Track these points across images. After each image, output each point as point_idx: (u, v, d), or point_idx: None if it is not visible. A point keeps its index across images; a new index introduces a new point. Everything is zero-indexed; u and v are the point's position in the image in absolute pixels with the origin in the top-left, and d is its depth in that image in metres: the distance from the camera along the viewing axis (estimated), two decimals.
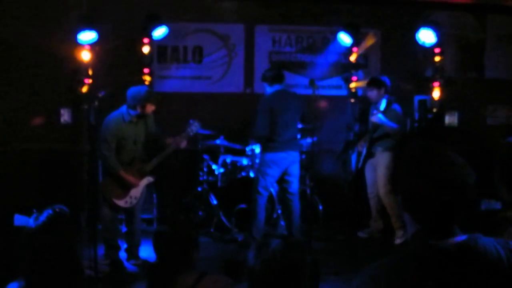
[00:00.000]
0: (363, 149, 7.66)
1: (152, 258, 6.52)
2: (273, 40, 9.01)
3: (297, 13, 8.98)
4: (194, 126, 6.51)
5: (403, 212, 1.97)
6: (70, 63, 7.95)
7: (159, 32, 8.12)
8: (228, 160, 7.85)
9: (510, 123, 9.35)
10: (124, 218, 6.66)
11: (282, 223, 7.65)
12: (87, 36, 7.60)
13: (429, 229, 1.87)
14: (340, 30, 8.48)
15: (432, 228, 1.86)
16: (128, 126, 6.22)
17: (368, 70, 9.05)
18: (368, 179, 7.75)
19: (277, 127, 6.90)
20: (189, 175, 8.28)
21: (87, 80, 7.88)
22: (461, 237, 1.85)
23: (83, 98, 7.91)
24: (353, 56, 8.79)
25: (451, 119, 8.96)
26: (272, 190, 7.55)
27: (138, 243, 6.55)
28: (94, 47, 7.83)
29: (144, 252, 6.61)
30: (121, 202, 6.24)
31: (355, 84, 8.80)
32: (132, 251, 6.50)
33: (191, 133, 6.53)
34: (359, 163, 7.76)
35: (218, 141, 7.91)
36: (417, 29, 8.21)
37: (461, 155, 1.93)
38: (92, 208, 6.38)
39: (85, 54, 7.79)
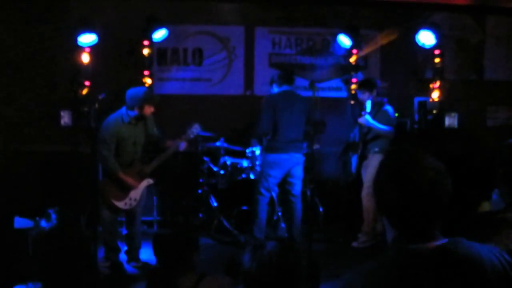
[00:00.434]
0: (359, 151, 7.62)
1: (153, 261, 6.53)
2: (273, 42, 9.02)
3: (297, 15, 8.99)
4: (195, 129, 6.52)
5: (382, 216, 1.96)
6: (70, 66, 7.96)
7: (159, 34, 8.13)
8: (228, 162, 7.85)
9: (510, 124, 9.36)
10: (124, 220, 6.65)
11: (283, 225, 7.64)
12: (87, 39, 7.61)
13: (407, 234, 1.86)
14: (340, 32, 8.49)
15: (410, 233, 1.86)
16: (127, 127, 6.22)
17: (368, 72, 9.05)
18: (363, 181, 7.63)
19: (280, 127, 6.91)
20: (190, 177, 8.28)
21: (87, 83, 7.89)
22: (441, 241, 1.84)
23: (83, 100, 7.91)
24: (353, 58, 8.80)
25: (451, 120, 8.97)
26: (272, 192, 7.55)
27: (138, 245, 6.55)
28: (94, 49, 7.84)
29: (145, 255, 6.61)
30: (120, 204, 6.24)
31: (355, 86, 8.80)
32: (132, 253, 6.50)
33: (192, 136, 6.53)
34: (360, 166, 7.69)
35: (218, 143, 7.91)
36: (416, 31, 8.22)
37: (460, 157, 1.94)
38: (92, 211, 6.37)
39: (85, 57, 7.80)
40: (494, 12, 9.27)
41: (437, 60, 8.58)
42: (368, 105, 7.27)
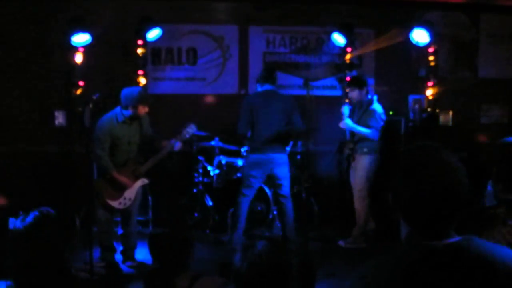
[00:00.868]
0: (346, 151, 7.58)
1: (148, 260, 6.53)
2: (267, 41, 9.02)
3: (291, 14, 8.99)
4: (190, 129, 6.50)
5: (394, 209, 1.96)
6: (64, 65, 7.94)
7: (153, 33, 8.12)
8: (223, 161, 7.85)
9: (504, 122, 9.38)
10: (120, 220, 6.64)
11: (278, 224, 7.66)
12: (80, 38, 7.60)
13: (422, 230, 1.86)
14: (334, 31, 8.49)
15: (424, 230, 1.86)
16: (121, 127, 6.21)
17: (362, 70, 9.06)
18: (352, 183, 7.52)
19: (257, 127, 6.85)
20: (185, 176, 8.28)
21: (81, 83, 7.88)
22: (455, 239, 1.85)
23: (77, 100, 7.90)
24: (347, 56, 8.80)
25: (445, 118, 8.99)
26: (267, 191, 7.56)
27: (134, 245, 6.54)
28: (88, 49, 7.82)
29: (140, 254, 6.61)
30: (115, 203, 6.23)
31: None
32: (128, 253, 6.49)
33: (187, 136, 6.52)
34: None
35: (213, 142, 7.91)
36: (410, 29, 8.23)
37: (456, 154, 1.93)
38: (87, 211, 6.36)
39: (79, 56, 7.79)
40: (488, 10, 9.29)
41: (431, 58, 8.60)
42: (346, 110, 7.23)
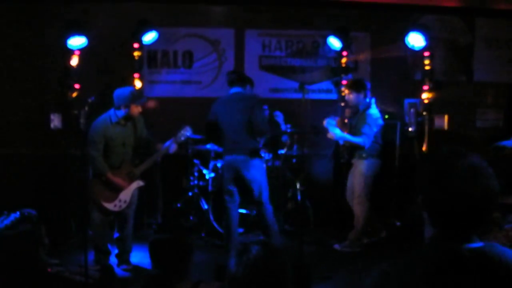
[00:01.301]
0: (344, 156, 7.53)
1: (144, 264, 6.53)
2: (263, 44, 9.03)
3: (287, 18, 9.01)
4: (185, 131, 6.50)
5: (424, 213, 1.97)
6: (60, 68, 7.93)
7: (149, 37, 8.12)
8: (218, 165, 7.84)
9: (499, 126, 9.41)
10: (115, 224, 6.63)
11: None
12: (76, 41, 7.59)
13: (447, 233, 1.88)
14: (329, 34, 8.50)
15: (450, 233, 1.88)
16: (115, 128, 6.20)
17: (358, 74, 9.08)
18: (348, 189, 7.45)
19: (224, 130, 6.84)
20: (180, 180, 8.27)
21: (77, 85, 7.86)
22: (477, 244, 1.86)
23: (73, 103, 7.89)
24: (343, 60, 8.81)
25: (440, 122, 9.00)
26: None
27: (129, 248, 6.53)
28: (83, 52, 7.82)
29: (135, 258, 6.60)
30: (110, 205, 6.21)
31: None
32: (123, 256, 6.47)
33: (182, 138, 6.51)
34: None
35: (208, 146, 7.90)
36: (406, 33, 8.24)
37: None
38: (83, 213, 6.35)
39: (74, 59, 7.78)
40: (484, 14, 9.32)
41: (426, 62, 8.61)
42: (331, 122, 7.14)
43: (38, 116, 8.36)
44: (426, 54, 8.55)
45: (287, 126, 8.03)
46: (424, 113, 8.58)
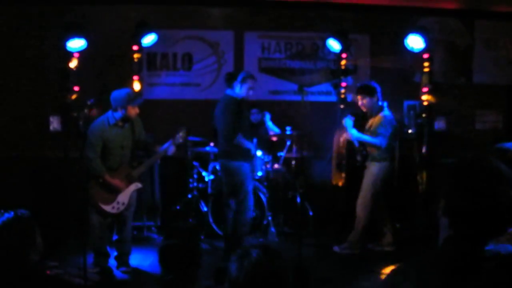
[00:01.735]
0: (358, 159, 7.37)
1: (143, 266, 6.53)
2: (262, 46, 9.03)
3: (286, 20, 9.02)
4: (183, 132, 6.48)
5: (442, 217, 1.98)
6: (59, 71, 7.93)
7: (149, 39, 8.11)
8: (218, 167, 7.84)
9: (499, 128, 9.41)
10: (114, 226, 6.62)
11: (273, 229, 7.65)
12: (76, 44, 7.58)
13: (466, 235, 1.89)
14: (329, 36, 8.49)
15: (468, 235, 1.89)
16: (113, 129, 6.20)
17: (358, 76, 9.08)
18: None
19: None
20: (179, 182, 8.26)
21: (76, 88, 7.86)
22: (491, 246, 1.88)
23: (72, 105, 7.88)
24: (343, 62, 8.80)
25: (440, 124, 9.01)
26: (262, 197, 7.55)
27: (128, 251, 6.52)
28: (83, 54, 7.82)
29: (134, 260, 6.59)
30: (108, 207, 6.20)
31: (344, 90, 8.81)
32: (122, 259, 6.47)
33: (180, 140, 6.46)
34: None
35: (208, 148, 7.90)
36: (405, 35, 8.24)
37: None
38: (82, 216, 6.34)
39: (74, 62, 7.77)
40: (483, 16, 9.32)
41: (426, 64, 8.61)
42: (348, 121, 7.07)
43: (37, 118, 8.37)
44: (426, 56, 8.54)
45: (275, 128, 8.00)
46: (424, 115, 8.57)
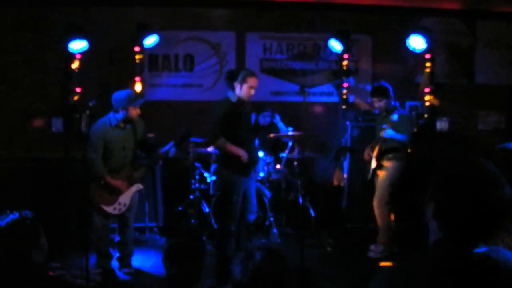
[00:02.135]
0: (370, 158, 7.18)
1: (145, 267, 6.53)
2: (264, 47, 9.04)
3: (288, 21, 9.02)
4: (184, 133, 6.46)
5: (430, 220, 1.96)
6: (61, 72, 7.94)
7: (150, 40, 8.13)
8: None
9: (501, 128, 9.40)
10: (117, 227, 6.62)
11: (275, 230, 7.65)
12: (78, 45, 7.60)
13: (455, 238, 1.88)
14: (330, 37, 8.50)
15: (457, 238, 1.88)
16: (114, 131, 6.19)
17: (359, 77, 9.08)
18: (377, 190, 7.21)
19: None
20: (181, 183, 8.26)
21: (78, 89, 7.88)
22: (482, 249, 1.86)
23: (74, 107, 7.90)
24: (344, 63, 8.81)
25: (442, 124, 9.00)
26: (264, 197, 7.56)
27: (131, 252, 6.52)
28: (85, 56, 7.83)
29: (137, 261, 6.60)
30: (109, 209, 6.20)
31: (346, 91, 8.81)
32: (124, 260, 6.47)
33: (180, 141, 6.42)
34: (368, 174, 7.24)
35: (209, 149, 7.89)
36: (407, 35, 8.24)
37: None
38: (84, 217, 6.35)
39: (76, 63, 7.79)
40: (485, 17, 9.32)
41: (428, 64, 8.61)
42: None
43: (39, 119, 8.38)
44: (427, 56, 8.55)
45: (288, 128, 8.00)
46: (426, 115, 8.57)
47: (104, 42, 8.12)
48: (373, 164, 7.09)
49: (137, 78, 8.28)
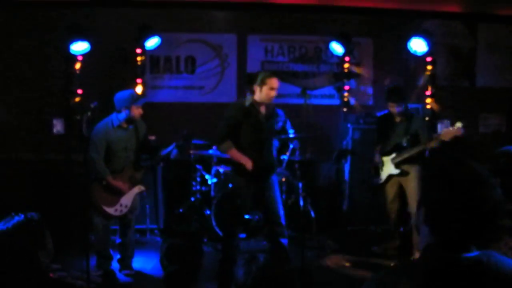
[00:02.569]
0: (380, 163, 7.12)
1: (146, 269, 6.53)
2: (265, 49, 9.04)
3: (289, 23, 9.02)
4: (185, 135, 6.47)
5: (422, 224, 1.95)
6: (62, 74, 7.95)
7: (152, 42, 8.15)
8: (221, 170, 7.84)
9: (502, 131, 9.39)
10: (118, 229, 6.62)
11: None
12: (79, 47, 7.61)
13: (446, 242, 1.87)
14: (332, 40, 8.51)
15: (449, 242, 1.87)
16: (117, 131, 6.20)
17: (361, 79, 9.09)
18: (389, 195, 7.16)
19: None
20: (182, 185, 8.27)
21: (79, 91, 7.89)
22: (474, 253, 1.85)
23: (75, 108, 7.91)
24: (346, 65, 8.82)
25: (442, 127, 8.99)
26: None
27: (131, 254, 6.52)
28: (86, 57, 7.84)
29: (137, 263, 6.59)
30: (111, 210, 6.20)
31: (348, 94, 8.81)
32: (125, 262, 6.47)
33: (181, 143, 6.44)
34: (377, 178, 7.17)
35: (211, 151, 7.89)
36: (408, 38, 8.25)
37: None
38: (85, 218, 6.35)
39: (77, 65, 7.80)
40: (486, 20, 9.32)
41: (429, 67, 8.62)
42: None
43: (40, 121, 8.38)
44: (429, 59, 8.56)
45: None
46: (427, 118, 8.58)
47: (105, 43, 8.13)
48: (391, 170, 6.97)
49: (139, 80, 8.29)
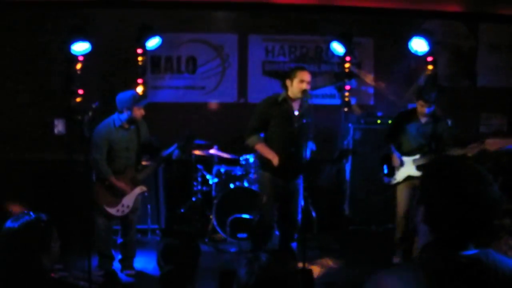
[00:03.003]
0: (401, 165, 6.85)
1: (147, 269, 6.53)
2: (266, 49, 9.04)
3: (290, 23, 9.02)
4: (187, 135, 6.46)
5: (421, 223, 1.96)
6: (63, 74, 7.95)
7: (153, 42, 8.15)
8: (222, 170, 7.85)
9: (504, 131, 9.39)
10: (120, 229, 6.62)
11: (277, 232, 7.64)
12: (80, 47, 7.60)
13: (445, 241, 1.88)
14: (333, 40, 8.51)
15: (448, 241, 1.88)
16: (118, 132, 6.21)
17: (362, 79, 9.08)
18: (405, 199, 6.90)
19: None
20: (184, 185, 8.27)
21: (80, 91, 7.88)
22: (473, 251, 1.87)
23: (76, 108, 7.90)
24: (347, 65, 8.81)
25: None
26: None
27: (133, 254, 6.53)
28: (87, 57, 7.84)
29: (139, 263, 6.60)
30: (112, 210, 6.21)
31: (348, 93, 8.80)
32: (127, 262, 6.47)
33: (183, 143, 6.44)
34: (392, 177, 6.96)
35: (212, 151, 7.90)
36: (409, 38, 8.25)
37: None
38: (86, 219, 6.35)
39: (78, 65, 7.80)
40: (487, 19, 9.31)
41: (430, 67, 8.61)
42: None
43: (42, 121, 8.38)
44: (430, 59, 8.55)
45: None
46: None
47: (106, 44, 8.13)
48: (411, 171, 6.80)
49: (140, 80, 8.29)
